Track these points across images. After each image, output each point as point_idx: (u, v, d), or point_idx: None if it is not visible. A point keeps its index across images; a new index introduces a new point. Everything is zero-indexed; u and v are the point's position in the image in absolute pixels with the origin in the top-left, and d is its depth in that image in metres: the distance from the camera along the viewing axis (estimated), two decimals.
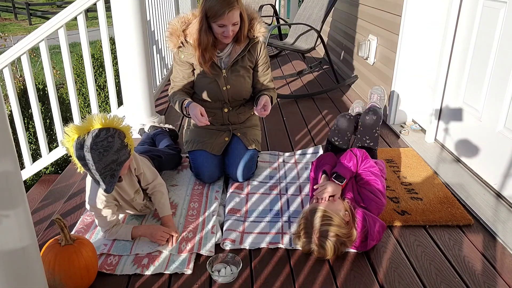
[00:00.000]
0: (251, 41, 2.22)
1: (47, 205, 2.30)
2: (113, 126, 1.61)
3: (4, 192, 1.08)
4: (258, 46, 2.26)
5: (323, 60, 5.03)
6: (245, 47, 2.21)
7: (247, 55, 2.24)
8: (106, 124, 1.59)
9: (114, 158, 1.60)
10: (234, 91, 2.27)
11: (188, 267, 1.66)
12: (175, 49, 2.22)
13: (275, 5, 5.78)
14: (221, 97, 2.28)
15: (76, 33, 3.09)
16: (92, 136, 1.56)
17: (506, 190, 2.11)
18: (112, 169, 1.60)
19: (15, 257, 1.15)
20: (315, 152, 2.62)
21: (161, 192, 1.92)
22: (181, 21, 2.21)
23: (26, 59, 2.81)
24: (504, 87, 2.12)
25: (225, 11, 2.00)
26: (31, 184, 3.62)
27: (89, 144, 1.55)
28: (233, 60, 2.21)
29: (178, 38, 2.19)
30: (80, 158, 1.58)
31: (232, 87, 2.25)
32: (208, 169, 2.25)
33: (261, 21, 2.23)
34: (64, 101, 4.39)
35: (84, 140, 1.56)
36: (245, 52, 2.22)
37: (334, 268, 1.67)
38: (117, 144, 1.60)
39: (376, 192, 1.85)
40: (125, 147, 1.64)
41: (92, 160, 1.56)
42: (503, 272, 1.65)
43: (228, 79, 2.23)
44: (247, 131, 2.38)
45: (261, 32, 2.21)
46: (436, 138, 2.79)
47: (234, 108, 2.34)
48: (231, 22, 2.05)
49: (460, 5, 2.48)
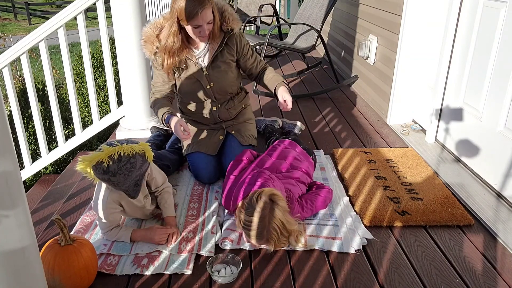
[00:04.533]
0: (226, 34, 2.19)
1: (46, 205, 2.30)
2: (133, 149, 1.63)
3: (3, 192, 1.08)
4: (234, 37, 2.22)
5: (323, 60, 5.02)
6: (221, 41, 2.19)
7: (226, 49, 2.21)
8: (125, 149, 1.62)
9: (138, 173, 1.65)
10: (219, 88, 2.26)
11: (188, 267, 1.65)
12: (152, 55, 2.20)
13: (275, 5, 5.77)
14: (206, 96, 2.27)
15: (76, 33, 3.09)
16: (115, 161, 1.59)
17: (506, 190, 2.11)
18: (136, 180, 1.66)
19: (15, 257, 1.14)
20: (317, 155, 2.62)
21: (169, 193, 1.95)
22: (153, 26, 2.19)
23: (25, 59, 2.81)
24: (505, 87, 2.11)
25: (198, 11, 1.97)
26: (30, 184, 3.62)
27: (114, 170, 1.59)
28: (212, 57, 2.19)
29: (152, 44, 2.17)
30: (104, 180, 1.64)
31: (216, 84, 2.24)
32: (206, 171, 2.25)
33: (232, 11, 2.19)
34: (64, 101, 4.38)
35: (108, 166, 1.58)
36: (222, 47, 2.19)
37: (334, 268, 1.66)
38: (139, 162, 1.65)
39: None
40: (146, 161, 1.69)
41: (117, 182, 1.62)
42: (503, 272, 1.65)
43: (210, 76, 2.22)
44: (241, 127, 2.37)
45: (235, 23, 2.18)
46: (436, 138, 2.79)
47: (222, 104, 2.33)
48: (206, 21, 2.02)
49: (460, 5, 2.48)
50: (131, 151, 1.62)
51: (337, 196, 2.14)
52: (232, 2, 8.42)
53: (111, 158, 1.58)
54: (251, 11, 6.11)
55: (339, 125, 3.15)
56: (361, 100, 3.72)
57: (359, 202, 2.08)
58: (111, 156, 1.59)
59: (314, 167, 2.27)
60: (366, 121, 3.23)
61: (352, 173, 2.37)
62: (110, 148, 1.60)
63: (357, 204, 2.07)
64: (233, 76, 2.30)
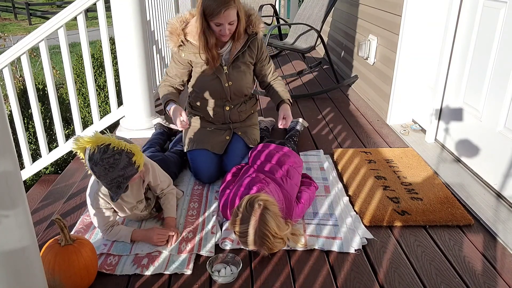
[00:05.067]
0: (250, 37, 2.24)
1: (47, 205, 2.30)
2: (122, 145, 1.62)
3: (3, 192, 1.08)
4: (256, 41, 2.28)
5: (323, 60, 5.02)
6: (245, 43, 2.23)
7: (247, 51, 2.27)
8: (115, 143, 1.60)
9: (120, 173, 1.62)
10: (236, 87, 2.28)
11: (188, 267, 1.66)
12: (176, 48, 2.23)
13: (275, 5, 5.77)
14: (223, 94, 2.29)
15: (76, 33, 3.09)
16: (100, 151, 1.58)
17: (506, 190, 2.11)
18: (118, 181, 1.64)
19: (15, 257, 1.15)
20: (317, 155, 2.62)
21: (173, 194, 1.96)
22: (179, 20, 2.23)
23: (26, 59, 2.81)
24: (505, 87, 2.11)
25: (222, 10, 2.00)
26: (31, 184, 3.62)
27: (96, 159, 1.58)
28: (234, 57, 2.23)
29: (178, 37, 2.21)
30: (89, 167, 1.62)
31: (234, 83, 2.27)
32: (207, 169, 2.25)
33: (259, 16, 2.26)
34: (64, 101, 4.38)
35: (93, 153, 1.58)
36: (245, 48, 2.24)
37: (334, 268, 1.67)
38: (124, 162, 1.62)
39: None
40: (132, 164, 1.64)
41: (98, 173, 1.61)
42: (503, 272, 1.65)
43: (230, 75, 2.25)
44: (248, 130, 2.39)
45: (260, 27, 2.24)
46: (436, 138, 2.79)
47: (235, 106, 2.35)
48: (228, 21, 2.05)
49: (460, 5, 2.48)
50: (119, 147, 1.60)
51: (337, 196, 2.14)
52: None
53: (98, 147, 1.58)
54: None
55: (339, 125, 3.15)
56: (361, 100, 3.72)
57: (359, 202, 2.08)
58: (100, 145, 1.58)
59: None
60: (366, 121, 3.23)
61: (352, 173, 2.37)
62: (101, 137, 1.60)
63: (357, 204, 2.07)
64: (250, 78, 2.36)
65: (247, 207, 1.66)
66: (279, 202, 1.77)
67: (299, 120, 2.92)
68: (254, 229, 1.63)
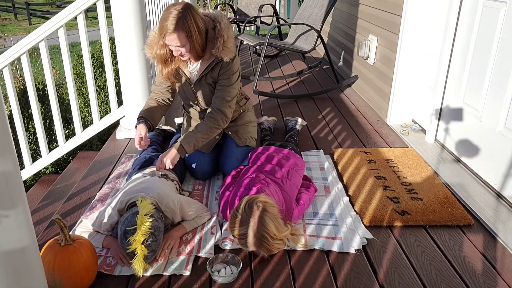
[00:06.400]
0: (214, 60, 2.13)
1: (47, 205, 2.30)
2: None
3: (3, 192, 1.08)
4: (219, 65, 2.15)
5: (323, 60, 5.02)
6: (208, 65, 2.15)
7: (210, 73, 2.18)
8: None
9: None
10: (208, 102, 2.28)
11: (187, 269, 1.65)
12: (153, 59, 2.20)
13: (275, 5, 5.77)
14: (197, 106, 2.34)
15: (76, 33, 3.09)
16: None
17: (506, 190, 2.11)
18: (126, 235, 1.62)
19: (15, 257, 1.14)
20: (317, 155, 2.62)
21: (202, 218, 1.94)
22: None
23: (26, 59, 2.81)
24: (504, 87, 2.11)
25: (167, 32, 1.95)
26: (31, 184, 3.62)
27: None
28: (200, 75, 2.19)
29: (152, 49, 2.16)
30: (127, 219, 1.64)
31: (204, 99, 2.28)
32: (199, 167, 2.31)
33: (228, 42, 2.07)
34: (64, 101, 4.38)
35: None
36: (207, 70, 2.16)
37: (334, 268, 1.67)
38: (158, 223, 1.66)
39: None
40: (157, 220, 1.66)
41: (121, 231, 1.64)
42: (503, 272, 1.65)
43: (197, 92, 2.26)
44: (240, 129, 2.41)
45: (225, 52, 2.07)
46: (436, 138, 2.79)
47: None
48: (174, 44, 1.99)
49: (460, 5, 2.48)
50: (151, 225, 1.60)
51: (337, 196, 2.14)
52: (232, 2, 8.43)
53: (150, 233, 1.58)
54: (251, 11, 6.12)
55: (339, 125, 3.15)
56: (361, 100, 3.72)
57: (359, 202, 2.08)
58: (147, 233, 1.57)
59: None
60: (366, 121, 3.23)
61: (352, 173, 2.37)
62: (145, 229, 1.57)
63: (357, 204, 2.07)
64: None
65: (246, 208, 1.65)
66: (279, 203, 1.77)
67: (297, 120, 2.92)
68: (253, 231, 1.62)
